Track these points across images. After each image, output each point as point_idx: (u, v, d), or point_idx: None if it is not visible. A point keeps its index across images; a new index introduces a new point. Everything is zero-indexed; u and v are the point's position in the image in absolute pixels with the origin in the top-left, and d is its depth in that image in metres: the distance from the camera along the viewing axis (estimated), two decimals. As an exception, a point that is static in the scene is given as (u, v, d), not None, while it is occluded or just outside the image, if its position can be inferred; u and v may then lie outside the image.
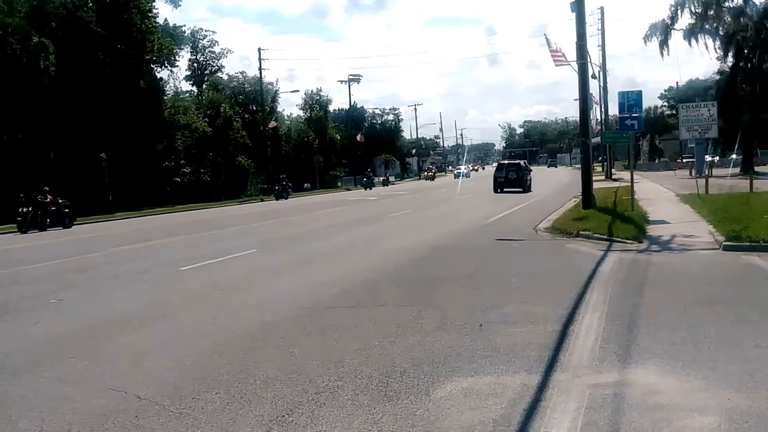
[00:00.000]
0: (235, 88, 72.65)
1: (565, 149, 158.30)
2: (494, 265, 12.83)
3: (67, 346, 7.89)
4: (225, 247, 17.51)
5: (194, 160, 58.12)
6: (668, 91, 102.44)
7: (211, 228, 25.72)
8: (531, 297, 9.36)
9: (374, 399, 5.57)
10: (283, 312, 9.19)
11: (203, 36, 74.64)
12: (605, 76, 57.61)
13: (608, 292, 9.45)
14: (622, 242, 14.62)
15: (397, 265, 13.17)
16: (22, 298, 11.51)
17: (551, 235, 17.15)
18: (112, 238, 23.43)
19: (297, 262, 14.63)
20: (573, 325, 7.63)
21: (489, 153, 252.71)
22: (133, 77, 48.35)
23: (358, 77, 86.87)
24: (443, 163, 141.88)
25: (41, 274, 14.62)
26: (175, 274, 13.73)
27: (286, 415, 5.31)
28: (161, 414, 5.47)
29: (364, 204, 38.49)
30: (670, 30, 46.98)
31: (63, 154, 43.90)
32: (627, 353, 6.47)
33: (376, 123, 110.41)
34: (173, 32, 65.09)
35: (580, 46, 22.05)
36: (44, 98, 40.83)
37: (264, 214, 32.88)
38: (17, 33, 40.22)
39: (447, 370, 6.23)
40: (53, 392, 6.21)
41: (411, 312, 8.69)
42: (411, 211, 29.52)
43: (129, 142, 46.93)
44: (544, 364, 6.25)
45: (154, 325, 8.98)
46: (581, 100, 22.79)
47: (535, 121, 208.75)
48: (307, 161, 72.86)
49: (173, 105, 56.13)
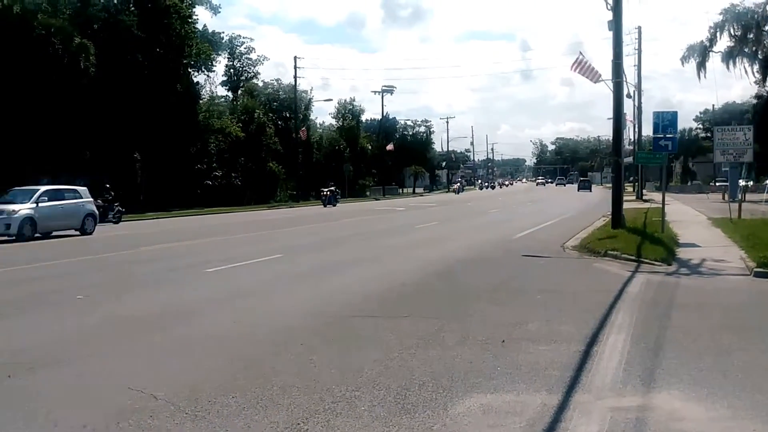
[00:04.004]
0: (269, 94, 73.10)
1: (596, 168, 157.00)
2: (520, 281, 12.70)
3: (88, 343, 7.94)
4: (250, 251, 17.59)
5: (226, 164, 58.49)
6: (704, 113, 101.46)
7: (239, 231, 25.87)
8: (556, 315, 9.23)
9: (391, 411, 5.50)
10: (304, 319, 9.17)
11: (241, 42, 75.38)
12: (640, 96, 56.80)
13: (634, 314, 9.29)
14: (650, 264, 14.39)
15: (421, 277, 13.11)
16: (48, 293, 11.63)
17: (579, 253, 16.96)
18: (141, 237, 23.65)
19: (321, 269, 14.62)
20: (597, 346, 7.50)
21: (519, 168, 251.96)
22: (171, 80, 48.95)
23: (391, 88, 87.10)
24: (473, 177, 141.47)
25: (69, 271, 14.78)
26: (201, 275, 13.80)
27: (301, 423, 5.26)
28: (177, 415, 5.45)
29: (391, 214, 38.45)
30: (708, 52, 46.51)
31: (98, 153, 44.48)
32: (651, 377, 6.33)
33: (407, 134, 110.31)
34: (212, 38, 65.79)
35: (616, 64, 21.82)
36: (83, 98, 41.40)
37: (291, 221, 33.01)
38: (60, 34, 40.83)
39: (466, 385, 6.15)
40: (71, 388, 6.24)
41: (433, 325, 8.61)
42: (438, 223, 29.41)
43: (163, 143, 47.41)
44: (565, 384, 6.14)
45: (175, 325, 9.00)
46: (615, 119, 22.54)
47: (567, 139, 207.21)
48: (336, 169, 72.95)
49: (208, 109, 56.61)
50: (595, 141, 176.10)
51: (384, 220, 33.63)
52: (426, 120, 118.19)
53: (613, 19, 21.33)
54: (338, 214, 39.13)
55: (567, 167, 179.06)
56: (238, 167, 59.75)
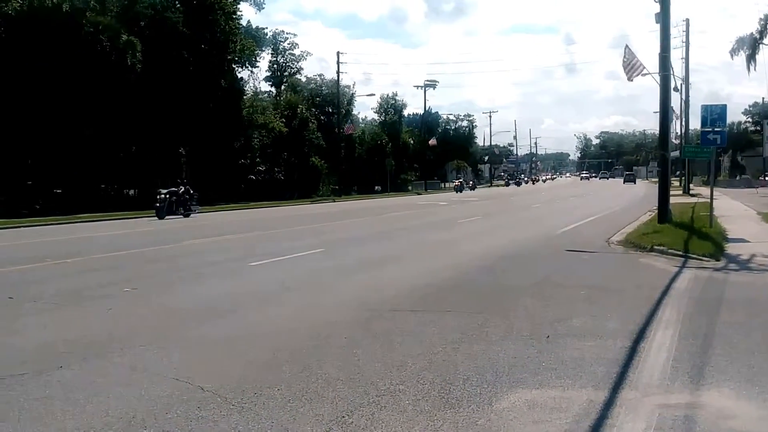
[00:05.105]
0: (312, 90, 73.59)
1: (641, 162, 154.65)
2: (563, 277, 12.55)
3: (137, 335, 8.08)
4: (294, 246, 17.70)
5: (269, 159, 59.02)
6: (753, 106, 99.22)
7: (281, 226, 26.10)
8: (601, 311, 9.12)
9: (435, 405, 5.49)
10: (347, 312, 9.21)
11: (284, 38, 76.11)
12: (687, 89, 55.80)
13: (682, 310, 9.13)
14: (698, 259, 14.13)
15: (464, 272, 13.06)
16: (98, 285, 11.84)
17: (624, 248, 16.73)
18: (185, 231, 23.94)
19: (364, 263, 14.67)
20: (644, 342, 7.40)
21: (563, 163, 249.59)
22: (215, 76, 49.57)
23: (434, 83, 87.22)
24: (516, 171, 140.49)
25: (115, 264, 15.04)
26: (245, 269, 13.94)
27: (346, 416, 5.29)
28: (223, 407, 5.52)
29: (434, 209, 38.37)
30: (759, 44, 45.22)
31: (144, 149, 45.24)
32: (700, 374, 6.22)
33: (449, 129, 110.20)
34: (256, 34, 66.50)
35: (663, 57, 21.43)
36: (130, 94, 42.11)
37: (333, 215, 33.15)
38: (108, 31, 41.59)
39: (511, 380, 6.12)
40: (121, 379, 6.35)
41: (476, 319, 8.58)
42: (481, 218, 29.28)
43: (208, 139, 48.02)
44: (611, 381, 6.07)
45: (221, 318, 9.11)
46: (662, 113, 22.15)
47: (611, 133, 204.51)
48: (378, 164, 73.10)
49: (252, 104, 57.16)
50: (640, 135, 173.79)
51: (426, 214, 33.60)
52: (468, 114, 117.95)
53: (661, 11, 20.97)
54: (378, 209, 39.17)
55: (611, 161, 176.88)
56: (281, 162, 60.24)
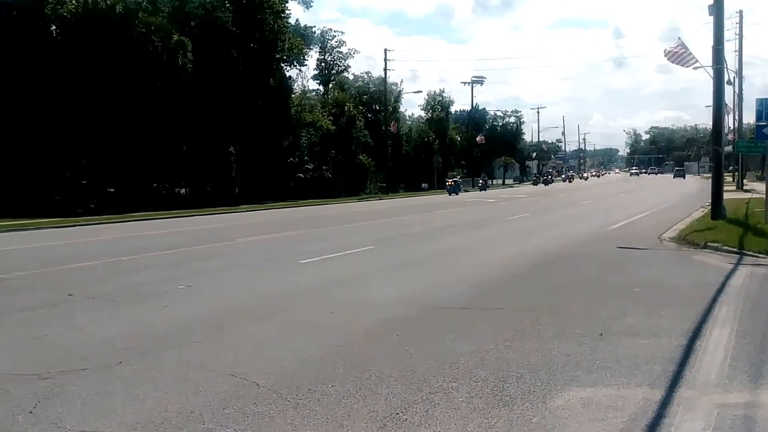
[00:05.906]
0: (359, 87, 73.71)
1: (693, 157, 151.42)
2: (616, 274, 12.43)
3: (193, 331, 8.24)
4: (343, 243, 17.82)
5: (317, 157, 59.47)
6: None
7: (332, 224, 26.29)
8: (655, 308, 8.99)
9: (489, 403, 5.50)
10: (398, 310, 9.24)
11: (332, 36, 76.27)
12: (741, 83, 54.60)
13: (738, 308, 8.97)
14: (754, 256, 13.83)
15: (514, 269, 13.01)
16: (153, 282, 12.09)
17: (677, 245, 16.46)
18: (237, 229, 24.28)
19: (413, 261, 14.70)
20: (700, 340, 7.29)
21: (612, 159, 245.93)
22: (264, 75, 50.08)
23: (481, 79, 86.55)
24: (564, 167, 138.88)
25: (172, 261, 15.33)
26: (296, 266, 14.07)
27: (400, 413, 5.33)
28: (279, 402, 5.60)
29: (481, 206, 38.21)
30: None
31: (195, 147, 45.95)
32: (759, 373, 6.11)
33: (497, 125, 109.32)
34: (304, 32, 66.94)
35: (716, 50, 21.00)
36: (181, 94, 42.81)
37: (380, 213, 33.26)
38: (159, 31, 42.34)
39: (565, 378, 6.09)
40: (178, 374, 6.49)
41: (528, 317, 8.55)
42: (530, 215, 29.06)
43: (257, 137, 48.58)
44: (668, 379, 6.00)
45: (274, 315, 9.23)
46: (715, 107, 21.71)
47: (662, 128, 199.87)
48: (425, 161, 73.05)
49: (300, 103, 57.55)
50: (692, 130, 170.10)
51: (474, 212, 33.47)
52: (516, 110, 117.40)
53: (714, 3, 20.58)
54: (427, 206, 39.15)
55: (662, 157, 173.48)
56: (329, 160, 60.63)
